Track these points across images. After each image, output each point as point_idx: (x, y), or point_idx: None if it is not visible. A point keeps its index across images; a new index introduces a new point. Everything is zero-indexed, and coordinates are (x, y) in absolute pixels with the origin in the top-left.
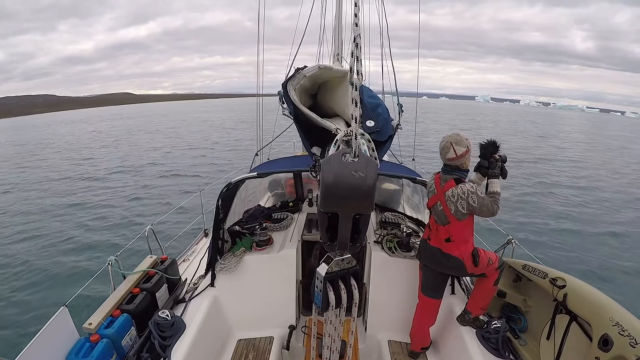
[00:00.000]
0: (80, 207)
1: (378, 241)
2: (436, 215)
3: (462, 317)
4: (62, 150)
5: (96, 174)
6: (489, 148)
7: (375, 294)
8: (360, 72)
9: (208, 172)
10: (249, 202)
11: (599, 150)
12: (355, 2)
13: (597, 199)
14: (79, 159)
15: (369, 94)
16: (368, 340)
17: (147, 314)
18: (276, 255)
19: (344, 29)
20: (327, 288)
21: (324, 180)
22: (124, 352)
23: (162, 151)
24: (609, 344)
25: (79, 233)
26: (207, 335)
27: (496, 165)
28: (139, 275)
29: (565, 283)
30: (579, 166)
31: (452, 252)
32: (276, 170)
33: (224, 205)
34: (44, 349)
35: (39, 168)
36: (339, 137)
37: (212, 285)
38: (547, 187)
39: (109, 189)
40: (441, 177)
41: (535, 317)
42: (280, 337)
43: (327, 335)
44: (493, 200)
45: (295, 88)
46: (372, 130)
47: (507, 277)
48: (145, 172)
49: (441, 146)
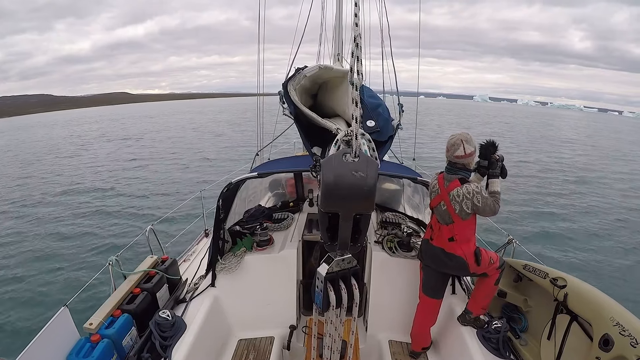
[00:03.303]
0: (80, 207)
1: (379, 241)
2: (439, 215)
3: (463, 317)
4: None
5: (96, 172)
6: (489, 148)
7: (375, 294)
8: (361, 72)
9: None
10: (250, 202)
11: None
12: (356, 2)
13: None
14: (78, 158)
15: (369, 94)
16: (369, 340)
17: (147, 314)
18: (277, 255)
19: (344, 29)
20: (328, 288)
21: (325, 180)
22: (124, 352)
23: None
24: (609, 344)
25: (79, 233)
26: (207, 335)
27: (497, 165)
28: (139, 276)
29: (566, 283)
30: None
31: (455, 251)
32: (277, 170)
33: (225, 205)
34: (45, 349)
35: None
36: (340, 137)
37: (212, 285)
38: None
39: (109, 188)
40: (445, 177)
41: (535, 317)
42: (280, 337)
43: (327, 335)
44: (495, 200)
45: (296, 88)
46: (372, 130)
47: (507, 277)
48: (145, 172)
49: (450, 142)
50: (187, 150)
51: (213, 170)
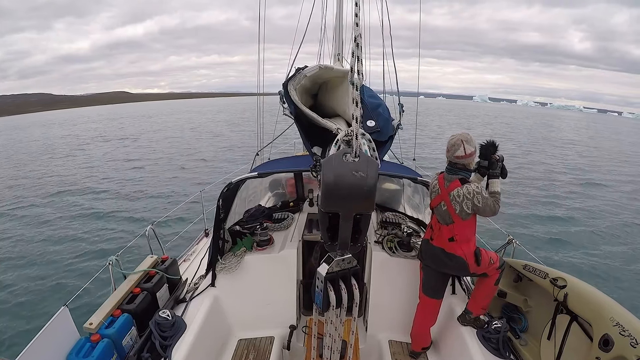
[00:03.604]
0: (79, 207)
1: (379, 241)
2: (439, 215)
3: (463, 317)
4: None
5: (96, 173)
6: (489, 148)
7: (375, 294)
8: (361, 71)
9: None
10: (250, 202)
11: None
12: (356, 1)
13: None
14: (76, 157)
15: (369, 94)
16: (369, 340)
17: (147, 314)
18: (277, 255)
19: (344, 29)
20: (328, 288)
21: (325, 180)
22: (124, 352)
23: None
24: (609, 344)
25: (78, 233)
26: (207, 335)
27: (497, 166)
28: (139, 275)
29: (566, 283)
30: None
31: (455, 251)
32: (277, 170)
33: (225, 205)
34: (45, 348)
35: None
36: (340, 137)
37: (212, 285)
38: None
39: (108, 188)
40: (445, 177)
41: (535, 317)
42: (280, 337)
43: (327, 335)
44: (495, 200)
45: (296, 88)
46: (372, 130)
47: (507, 277)
48: (143, 173)
49: (451, 143)
50: (186, 151)
51: (212, 170)
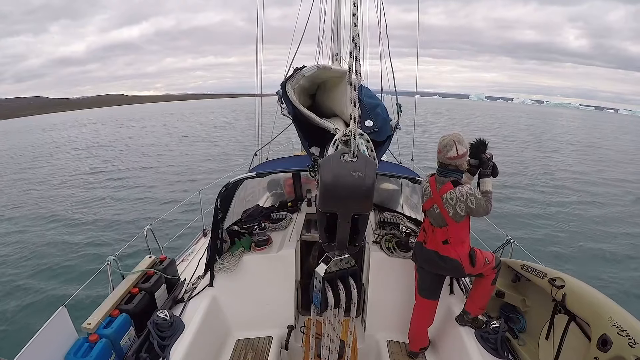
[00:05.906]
0: (79, 207)
1: (377, 241)
2: (432, 218)
3: (461, 318)
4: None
5: (96, 173)
6: (480, 147)
7: (374, 294)
8: (359, 72)
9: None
10: (248, 202)
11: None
12: (354, 2)
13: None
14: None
15: (367, 94)
16: (367, 340)
17: (146, 314)
18: (275, 255)
19: (342, 29)
20: (326, 288)
21: (323, 180)
22: (122, 352)
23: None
24: (607, 344)
25: (78, 233)
26: (205, 335)
27: (488, 164)
28: (137, 275)
29: (564, 283)
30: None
31: (449, 254)
32: (275, 170)
33: (223, 205)
34: (43, 348)
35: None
36: (338, 137)
37: (210, 285)
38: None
39: (107, 189)
40: (437, 180)
41: (534, 317)
42: (279, 337)
43: (325, 335)
44: (487, 199)
45: (294, 88)
46: (370, 130)
47: (505, 277)
48: (142, 174)
49: (442, 143)
50: (185, 150)
51: (211, 170)
